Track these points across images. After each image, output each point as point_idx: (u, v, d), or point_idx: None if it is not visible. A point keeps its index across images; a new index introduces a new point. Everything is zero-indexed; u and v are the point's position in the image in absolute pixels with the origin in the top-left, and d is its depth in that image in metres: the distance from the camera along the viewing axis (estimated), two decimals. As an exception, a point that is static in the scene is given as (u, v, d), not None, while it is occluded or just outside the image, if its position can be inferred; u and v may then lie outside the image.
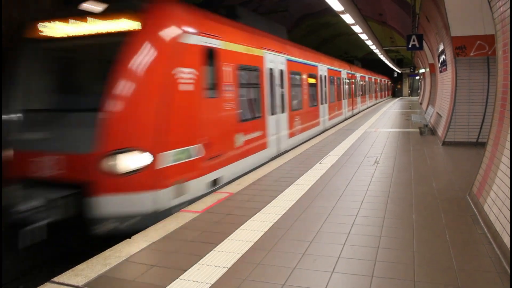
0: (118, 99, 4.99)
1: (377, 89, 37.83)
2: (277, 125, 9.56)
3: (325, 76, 15.17)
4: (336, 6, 9.35)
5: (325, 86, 15.20)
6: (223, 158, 6.74)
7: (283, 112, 10.08)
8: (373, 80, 33.62)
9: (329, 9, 11.43)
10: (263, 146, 8.64)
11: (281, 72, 10.07)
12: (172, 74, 5.42)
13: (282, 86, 10.06)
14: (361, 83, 26.29)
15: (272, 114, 9.26)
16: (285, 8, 18.26)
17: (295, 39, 17.87)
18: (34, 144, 5.27)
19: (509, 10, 4.25)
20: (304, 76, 12.34)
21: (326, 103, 15.29)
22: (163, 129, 5.26)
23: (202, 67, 6.05)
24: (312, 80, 13.28)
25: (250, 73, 8.14)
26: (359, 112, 24.22)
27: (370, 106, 30.63)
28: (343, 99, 19.01)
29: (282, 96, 10.06)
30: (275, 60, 9.58)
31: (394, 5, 18.42)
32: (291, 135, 10.77)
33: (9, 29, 6.72)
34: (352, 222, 4.65)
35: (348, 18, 11.21)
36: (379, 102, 37.43)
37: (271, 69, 9.30)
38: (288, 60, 10.66)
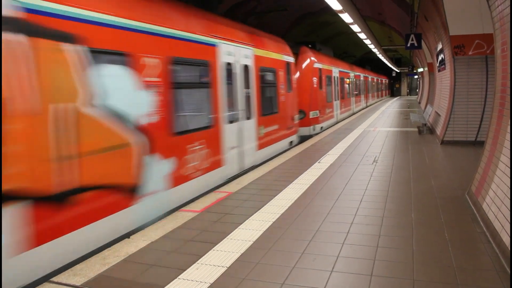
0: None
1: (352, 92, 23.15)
2: None
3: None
4: (335, 5, 9.36)
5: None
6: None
7: None
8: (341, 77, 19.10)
9: (328, 8, 11.42)
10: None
11: None
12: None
13: None
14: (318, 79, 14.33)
15: None
16: (284, 7, 18.25)
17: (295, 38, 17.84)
18: None
19: (508, 9, 4.25)
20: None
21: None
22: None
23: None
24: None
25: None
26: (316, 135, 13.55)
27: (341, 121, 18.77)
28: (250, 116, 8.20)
29: None
30: None
31: (393, 4, 18.43)
32: None
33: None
34: (351, 221, 4.65)
35: (346, 17, 11.22)
36: (355, 113, 23.43)
37: None
38: None
